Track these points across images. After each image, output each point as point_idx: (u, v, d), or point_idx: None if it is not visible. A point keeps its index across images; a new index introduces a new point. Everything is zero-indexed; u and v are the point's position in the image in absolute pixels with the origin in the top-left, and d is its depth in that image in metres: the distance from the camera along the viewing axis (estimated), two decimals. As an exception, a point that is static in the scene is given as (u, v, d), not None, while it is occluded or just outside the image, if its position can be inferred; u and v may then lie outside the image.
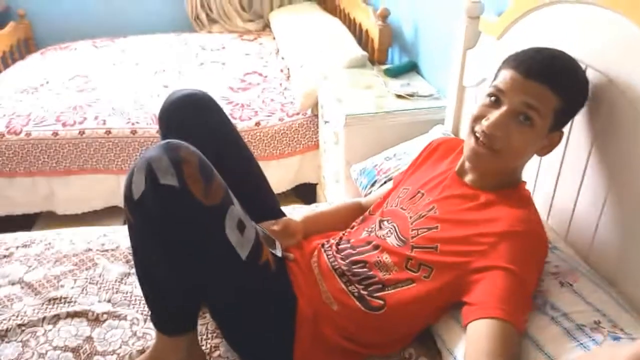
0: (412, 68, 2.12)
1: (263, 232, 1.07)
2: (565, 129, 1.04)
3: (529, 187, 1.04)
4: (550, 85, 0.89)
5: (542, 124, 0.91)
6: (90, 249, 1.36)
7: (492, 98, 0.94)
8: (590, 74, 0.97)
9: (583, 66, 0.99)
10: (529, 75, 0.90)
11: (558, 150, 1.08)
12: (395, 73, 2.07)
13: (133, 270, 1.28)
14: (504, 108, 0.92)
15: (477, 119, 0.96)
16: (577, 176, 1.05)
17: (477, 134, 0.95)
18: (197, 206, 0.87)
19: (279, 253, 1.06)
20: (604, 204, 0.98)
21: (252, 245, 0.94)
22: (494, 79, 0.96)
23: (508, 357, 0.81)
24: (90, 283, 1.25)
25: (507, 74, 0.93)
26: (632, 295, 0.92)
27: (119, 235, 1.42)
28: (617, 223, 0.96)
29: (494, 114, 0.92)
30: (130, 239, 0.98)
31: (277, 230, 1.13)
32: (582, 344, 0.81)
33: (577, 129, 1.04)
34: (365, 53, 2.26)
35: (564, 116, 0.94)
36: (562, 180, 1.10)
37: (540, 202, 1.16)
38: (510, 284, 0.86)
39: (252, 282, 0.98)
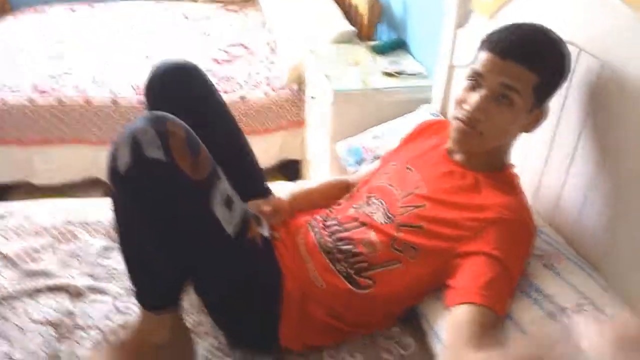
0: (400, 46, 2.09)
1: (250, 212, 1.06)
2: (556, 112, 1.05)
3: (517, 169, 1.04)
4: (527, 64, 0.89)
5: (523, 102, 0.91)
6: (70, 222, 1.33)
7: (472, 81, 0.94)
8: (584, 58, 0.97)
9: (577, 50, 0.99)
10: (505, 55, 0.90)
11: (547, 133, 1.08)
12: (383, 50, 2.04)
13: (115, 244, 1.26)
14: (483, 91, 0.92)
15: (460, 102, 0.96)
16: (565, 160, 1.06)
17: (460, 118, 0.95)
18: (184, 180, 0.85)
19: (265, 232, 1.05)
20: (592, 188, 0.99)
21: (239, 222, 0.93)
22: (473, 61, 0.96)
23: (486, 342, 0.81)
24: (71, 257, 1.23)
25: (484, 56, 0.93)
26: (616, 278, 0.94)
27: (100, 207, 1.39)
28: (603, 207, 0.98)
29: (474, 97, 0.93)
30: (114, 213, 0.96)
31: (267, 210, 1.12)
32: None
33: (567, 112, 1.04)
34: (353, 28, 2.22)
35: (545, 92, 0.94)
36: (550, 164, 1.11)
37: (527, 185, 1.17)
38: (493, 270, 0.87)
39: (239, 259, 0.97)
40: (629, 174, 0.91)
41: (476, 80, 0.94)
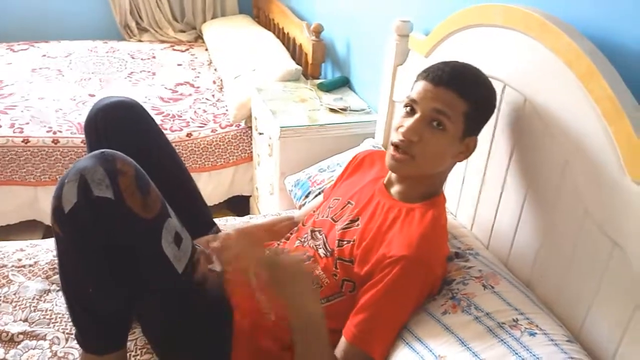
0: (344, 83, 2.17)
1: (199, 249, 1.05)
2: (487, 143, 1.12)
3: (454, 198, 1.09)
4: (458, 91, 0.94)
5: (454, 128, 0.96)
6: (4, 265, 1.26)
7: (408, 108, 0.99)
8: (509, 93, 1.05)
9: (502, 85, 1.07)
10: (438, 83, 0.95)
11: (480, 162, 1.15)
12: (328, 87, 2.11)
13: (53, 287, 1.21)
14: (417, 115, 0.96)
15: (397, 128, 1.00)
16: (497, 188, 1.12)
17: (395, 142, 0.98)
18: (134, 219, 0.84)
19: (217, 267, 1.04)
20: (521, 214, 1.06)
21: (188, 259, 0.92)
22: (410, 92, 1.01)
23: None
24: (4, 302, 1.16)
25: (419, 85, 0.98)
26: (544, 296, 1.00)
27: (38, 249, 1.34)
28: (531, 231, 1.04)
29: (409, 121, 0.97)
30: (58, 253, 0.93)
31: (216, 246, 1.11)
32: (502, 340, 0.86)
33: (497, 143, 1.11)
34: (299, 67, 2.29)
35: (475, 121, 0.99)
36: (485, 192, 1.17)
37: (465, 213, 1.23)
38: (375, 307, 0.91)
39: (188, 296, 0.95)
40: (551, 203, 0.97)
41: (411, 107, 0.98)
